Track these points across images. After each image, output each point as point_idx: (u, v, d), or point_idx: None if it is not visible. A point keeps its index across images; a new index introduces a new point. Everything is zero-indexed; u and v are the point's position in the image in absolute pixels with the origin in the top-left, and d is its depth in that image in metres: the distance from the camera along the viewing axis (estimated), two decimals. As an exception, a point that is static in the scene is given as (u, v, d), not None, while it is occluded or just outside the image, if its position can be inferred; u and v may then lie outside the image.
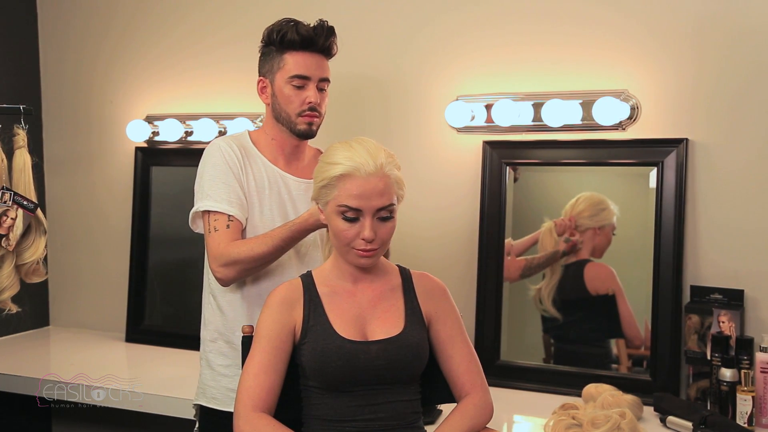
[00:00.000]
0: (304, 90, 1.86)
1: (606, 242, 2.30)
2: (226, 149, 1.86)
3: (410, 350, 1.54)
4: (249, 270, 1.81)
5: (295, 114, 1.87)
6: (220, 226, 1.81)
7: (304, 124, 1.88)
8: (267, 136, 1.94)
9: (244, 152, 1.89)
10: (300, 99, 1.86)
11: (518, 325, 2.41)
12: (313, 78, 1.87)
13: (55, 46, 3.10)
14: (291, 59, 1.86)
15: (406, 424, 1.54)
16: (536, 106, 2.35)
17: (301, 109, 1.87)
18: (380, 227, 1.51)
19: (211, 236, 1.82)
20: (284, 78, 1.86)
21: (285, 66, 1.86)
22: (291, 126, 1.89)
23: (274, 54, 1.88)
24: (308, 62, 1.86)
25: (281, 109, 1.88)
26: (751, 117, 2.17)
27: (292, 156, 1.94)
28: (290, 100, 1.87)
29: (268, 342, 1.52)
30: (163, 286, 2.93)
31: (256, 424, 1.46)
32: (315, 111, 1.88)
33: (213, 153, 1.87)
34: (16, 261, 2.49)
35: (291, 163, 1.94)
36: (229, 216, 1.81)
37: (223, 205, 1.81)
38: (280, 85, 1.87)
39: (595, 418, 1.74)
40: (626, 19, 2.29)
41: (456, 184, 2.50)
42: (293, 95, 1.86)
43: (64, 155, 3.10)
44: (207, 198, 1.83)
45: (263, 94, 1.93)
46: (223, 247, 1.79)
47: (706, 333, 2.10)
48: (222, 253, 1.78)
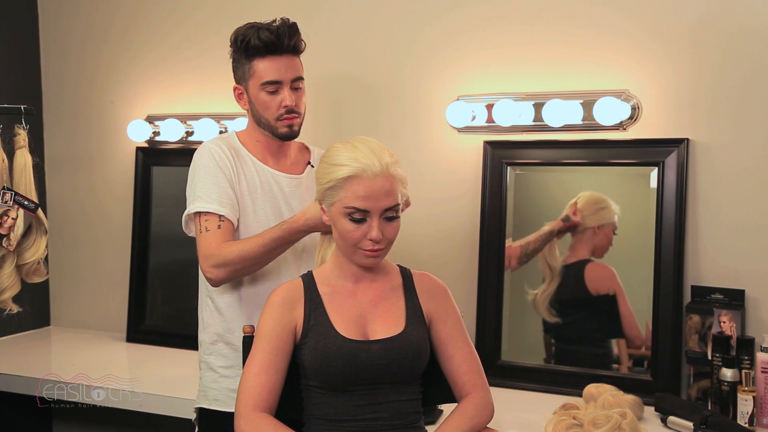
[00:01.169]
0: (278, 94, 1.85)
1: (607, 242, 2.30)
2: (216, 151, 1.86)
3: (411, 350, 1.54)
4: (240, 271, 1.79)
5: (274, 119, 1.86)
6: (211, 226, 1.80)
7: (284, 127, 1.87)
8: (252, 138, 1.93)
9: (235, 153, 1.88)
10: (276, 103, 1.85)
11: (519, 325, 2.41)
12: (285, 81, 1.85)
13: (56, 46, 3.10)
14: (260, 66, 1.84)
15: (407, 423, 1.54)
16: (537, 106, 2.35)
17: (278, 113, 1.85)
18: (387, 227, 1.51)
19: (202, 236, 1.81)
20: (257, 85, 1.85)
21: (255, 73, 1.85)
22: (272, 130, 1.88)
23: (243, 61, 1.87)
24: (277, 66, 1.84)
25: (260, 115, 1.88)
26: (752, 117, 2.16)
27: (279, 154, 1.94)
28: (267, 105, 1.85)
29: (269, 342, 1.52)
30: (163, 286, 2.93)
31: (257, 424, 1.47)
32: (293, 113, 1.86)
33: (203, 155, 1.87)
34: (17, 261, 2.49)
35: (279, 161, 1.94)
36: (220, 216, 1.80)
37: (214, 206, 1.80)
38: (254, 92, 1.86)
39: (596, 418, 1.74)
40: (627, 19, 2.29)
41: (457, 184, 2.50)
42: (269, 101, 1.85)
43: (64, 155, 3.11)
44: (198, 200, 1.82)
45: (241, 101, 1.92)
46: (214, 247, 1.78)
47: (707, 333, 2.09)
48: (213, 254, 1.78)
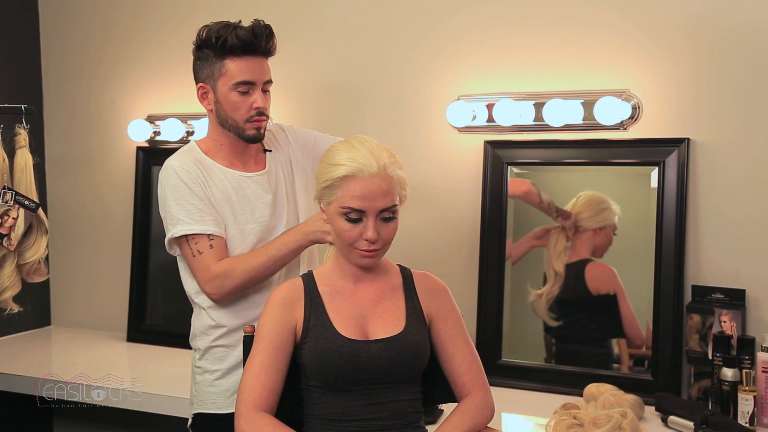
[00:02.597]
0: (249, 95, 1.81)
1: (607, 242, 2.30)
2: (181, 169, 1.80)
3: (411, 349, 1.54)
4: (244, 283, 1.78)
5: (243, 120, 1.82)
6: (203, 248, 1.78)
7: (252, 129, 1.83)
8: (215, 143, 1.88)
9: (201, 166, 1.83)
10: (247, 105, 1.81)
11: (519, 324, 2.41)
12: (258, 82, 1.81)
13: (57, 46, 3.10)
14: (233, 65, 1.79)
15: (407, 423, 1.54)
16: (537, 106, 2.35)
17: (249, 114, 1.82)
18: (383, 227, 1.51)
19: (196, 260, 1.78)
20: (228, 84, 1.80)
21: (227, 72, 1.79)
22: (239, 132, 1.83)
23: (213, 59, 1.81)
24: (252, 67, 1.80)
25: (227, 116, 1.83)
26: (753, 116, 2.16)
27: (245, 155, 1.90)
28: (237, 106, 1.81)
29: (269, 341, 1.52)
30: (164, 285, 2.93)
31: (257, 424, 1.46)
32: (263, 115, 1.83)
33: (170, 177, 1.81)
34: (17, 261, 2.49)
35: (247, 162, 1.90)
36: (209, 235, 1.78)
37: (197, 226, 1.77)
38: (224, 92, 1.81)
39: (596, 418, 1.74)
40: (627, 19, 2.28)
41: (457, 183, 2.50)
42: (239, 101, 1.81)
43: (65, 155, 3.11)
44: (179, 223, 1.78)
45: (204, 100, 1.86)
46: (213, 267, 1.76)
47: (708, 333, 2.09)
48: (213, 273, 1.76)
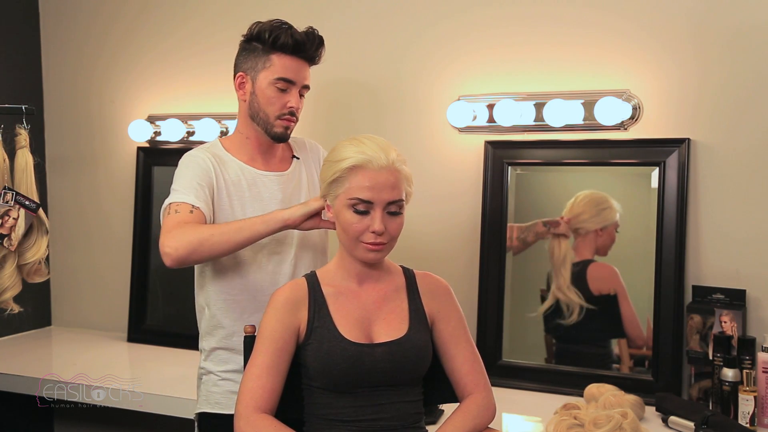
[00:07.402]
0: (287, 94, 1.84)
1: (610, 241, 2.29)
2: (199, 156, 1.84)
3: (414, 353, 1.54)
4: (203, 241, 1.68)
5: (274, 116, 1.84)
6: (182, 209, 1.75)
7: (281, 127, 1.85)
8: (241, 136, 1.91)
9: (217, 160, 1.85)
10: (282, 102, 1.84)
11: (520, 324, 2.41)
12: (297, 83, 1.85)
13: (57, 46, 3.10)
14: (279, 61, 1.83)
15: (408, 424, 1.54)
16: (538, 106, 2.35)
17: (281, 112, 1.84)
18: (389, 221, 1.51)
19: (170, 216, 1.74)
20: (269, 78, 1.83)
21: (271, 66, 1.83)
22: (267, 127, 1.86)
23: (260, 52, 1.84)
24: (296, 67, 1.84)
25: (259, 109, 1.85)
26: (754, 116, 2.16)
27: (269, 153, 1.92)
28: (271, 101, 1.84)
29: (271, 343, 1.52)
30: (164, 286, 2.93)
31: (257, 425, 1.46)
32: (294, 116, 1.86)
33: (183, 160, 1.85)
34: (18, 261, 2.50)
35: (269, 160, 1.91)
36: (193, 206, 1.76)
37: (190, 197, 1.76)
38: (262, 85, 1.84)
39: (597, 418, 1.74)
40: (628, 19, 2.29)
41: (458, 184, 2.50)
42: (275, 97, 1.84)
43: (66, 155, 3.11)
44: (174, 192, 1.79)
45: (241, 89, 1.88)
46: (182, 224, 1.71)
47: (708, 333, 2.09)
48: (178, 225, 1.71)
